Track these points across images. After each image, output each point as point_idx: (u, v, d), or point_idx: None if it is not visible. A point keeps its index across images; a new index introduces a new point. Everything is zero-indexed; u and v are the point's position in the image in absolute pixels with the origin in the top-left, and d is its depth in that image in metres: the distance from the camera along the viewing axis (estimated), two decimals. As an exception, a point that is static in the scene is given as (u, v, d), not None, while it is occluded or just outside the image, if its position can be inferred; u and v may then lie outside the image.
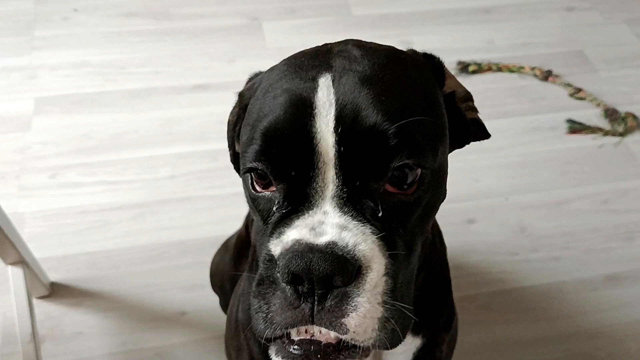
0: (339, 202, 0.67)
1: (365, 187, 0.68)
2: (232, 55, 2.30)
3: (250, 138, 0.71)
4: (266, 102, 0.72)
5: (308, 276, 0.64)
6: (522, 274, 1.74)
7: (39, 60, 2.23)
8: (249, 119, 0.75)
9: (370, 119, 0.66)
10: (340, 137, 0.66)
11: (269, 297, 0.68)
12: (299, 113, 0.68)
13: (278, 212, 0.70)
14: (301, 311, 0.66)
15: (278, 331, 0.68)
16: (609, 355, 1.60)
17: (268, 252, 0.69)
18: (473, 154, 1.99)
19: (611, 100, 2.21)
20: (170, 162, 1.95)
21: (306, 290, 0.65)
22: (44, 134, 2.00)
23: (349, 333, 0.66)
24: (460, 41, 2.41)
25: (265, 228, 0.73)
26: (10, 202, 1.76)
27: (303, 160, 0.67)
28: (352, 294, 0.65)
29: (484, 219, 1.86)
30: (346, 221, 0.67)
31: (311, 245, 0.65)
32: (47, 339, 1.56)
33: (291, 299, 0.66)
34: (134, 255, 1.73)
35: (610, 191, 1.96)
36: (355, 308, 0.65)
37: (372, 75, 0.70)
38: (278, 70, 0.76)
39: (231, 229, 1.54)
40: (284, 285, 0.66)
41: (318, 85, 0.69)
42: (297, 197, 0.69)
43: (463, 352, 1.57)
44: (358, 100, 0.67)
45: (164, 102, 2.13)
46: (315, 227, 0.66)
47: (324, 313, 0.65)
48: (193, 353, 1.55)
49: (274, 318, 0.67)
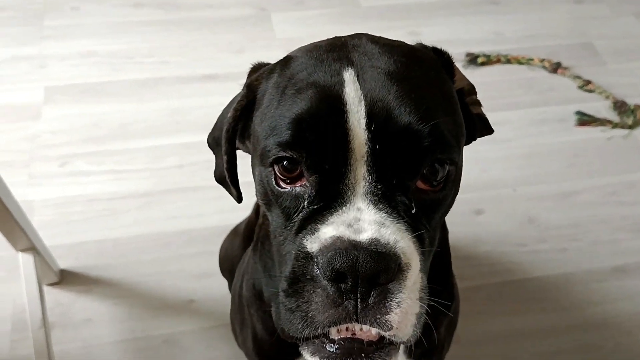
0: (373, 199, 0.67)
1: (400, 184, 0.68)
2: (240, 46, 2.30)
3: (273, 128, 0.70)
4: (290, 93, 0.71)
5: (353, 274, 0.63)
6: (530, 264, 1.74)
7: (48, 50, 2.24)
8: (268, 110, 0.74)
9: (404, 118, 0.66)
10: (374, 135, 0.66)
11: (307, 296, 0.66)
12: (330, 107, 0.67)
13: (308, 208, 0.69)
14: (344, 309, 0.65)
15: (319, 330, 0.67)
16: (616, 346, 1.60)
17: (302, 249, 0.67)
18: (481, 145, 1.96)
19: (620, 93, 2.20)
20: (178, 152, 1.95)
21: (349, 288, 0.64)
22: (54, 123, 2.01)
23: (393, 329, 0.65)
24: (468, 32, 2.40)
25: (288, 224, 0.71)
26: (20, 190, 1.77)
27: (337, 154, 0.67)
28: (393, 291, 0.65)
29: (492, 209, 1.86)
30: (382, 218, 0.66)
31: (354, 242, 0.64)
32: (57, 325, 1.57)
33: (334, 296, 0.64)
34: (142, 243, 1.74)
35: (618, 183, 1.95)
36: (398, 305, 0.65)
37: (396, 72, 0.70)
38: (296, 61, 0.75)
39: (238, 218, 1.55)
40: (325, 283, 0.65)
41: (344, 80, 0.69)
42: (329, 193, 0.68)
43: (470, 342, 1.57)
44: (388, 98, 0.67)
45: (172, 92, 2.13)
46: (352, 224, 0.66)
47: (368, 310, 0.65)
48: (201, 341, 1.56)
49: (315, 317, 0.66)
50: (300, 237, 0.68)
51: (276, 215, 0.74)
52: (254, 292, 1.00)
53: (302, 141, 0.67)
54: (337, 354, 0.69)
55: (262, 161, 0.73)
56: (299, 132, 0.67)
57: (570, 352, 1.58)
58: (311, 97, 0.68)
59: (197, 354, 1.54)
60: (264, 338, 1.00)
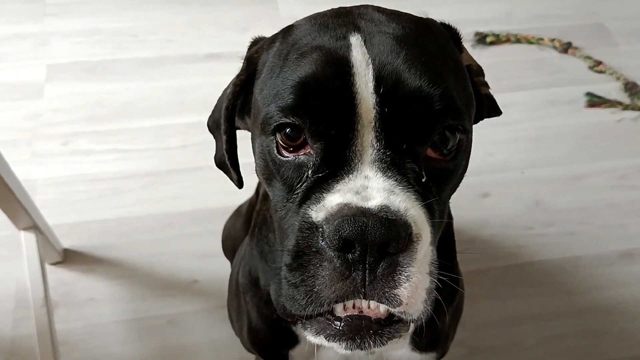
0: (382, 166, 0.63)
1: (410, 150, 0.65)
2: (244, 24, 2.27)
3: (275, 94, 0.67)
4: (293, 58, 0.68)
5: (362, 242, 0.59)
6: (537, 248, 1.72)
7: (50, 27, 2.21)
8: (269, 77, 0.71)
9: (414, 81, 0.63)
10: (382, 99, 0.63)
11: (313, 269, 0.62)
12: (336, 70, 0.64)
13: (313, 177, 0.66)
14: (352, 281, 0.61)
15: (325, 306, 0.63)
16: (623, 332, 1.58)
17: (306, 220, 0.63)
18: (489, 128, 1.94)
19: (631, 74, 2.16)
20: (182, 132, 1.93)
21: (357, 258, 0.60)
22: (56, 101, 1.99)
23: (402, 305, 0.62)
24: (478, 12, 2.35)
25: (290, 197, 0.68)
26: (22, 168, 1.76)
27: (343, 119, 0.63)
28: (403, 263, 0.61)
29: (499, 193, 1.84)
30: (391, 185, 0.63)
31: (363, 209, 0.60)
32: (60, 304, 1.57)
33: (341, 268, 0.61)
34: (145, 223, 1.73)
35: (628, 166, 1.92)
36: (407, 278, 0.61)
37: (405, 37, 0.67)
38: (299, 28, 0.72)
39: (241, 198, 1.53)
40: (331, 254, 0.61)
41: (351, 43, 0.66)
42: (334, 160, 0.65)
43: (475, 325, 1.56)
44: (397, 62, 0.64)
45: (176, 71, 2.11)
46: (359, 192, 0.62)
47: (376, 283, 0.61)
48: (204, 321, 1.56)
49: (322, 291, 0.62)
50: (305, 208, 0.64)
51: (277, 188, 0.70)
52: (250, 278, 0.98)
53: (306, 106, 0.64)
54: (344, 331, 0.64)
55: (263, 130, 0.69)
56: (303, 96, 0.64)
57: (576, 336, 1.57)
58: (315, 60, 0.65)
59: (200, 334, 1.54)
60: (258, 327, 0.98)
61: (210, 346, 1.52)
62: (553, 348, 1.55)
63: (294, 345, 0.96)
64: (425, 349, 0.96)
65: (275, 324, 0.94)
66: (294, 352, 0.97)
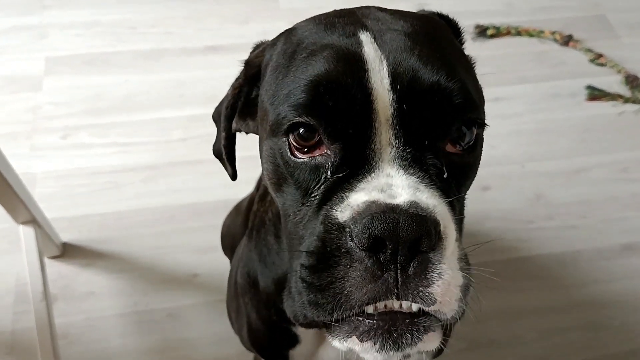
0: (403, 163, 0.62)
1: (430, 146, 0.63)
2: (245, 17, 2.25)
3: (287, 95, 0.65)
4: (302, 57, 0.66)
5: (394, 239, 0.57)
6: (537, 242, 1.72)
7: (49, 19, 2.20)
8: (275, 78, 0.69)
9: (431, 76, 0.62)
10: (400, 95, 0.61)
11: (342, 270, 0.59)
12: (350, 66, 0.62)
13: (332, 177, 0.63)
14: (384, 282, 0.58)
15: (355, 309, 0.59)
16: (623, 325, 1.58)
17: (331, 220, 0.60)
18: (489, 120, 1.94)
19: (633, 67, 2.15)
20: (182, 125, 1.93)
21: (388, 257, 0.58)
22: (55, 94, 1.98)
23: (436, 304, 0.59)
24: (478, 4, 2.34)
25: (307, 200, 0.65)
26: (21, 162, 1.75)
27: (360, 117, 0.62)
28: (434, 260, 0.59)
29: (500, 186, 1.83)
30: (415, 183, 0.61)
31: (391, 205, 0.58)
32: (59, 298, 1.57)
33: (372, 268, 0.58)
34: (145, 217, 1.72)
35: (629, 160, 1.91)
36: (440, 276, 0.59)
37: (416, 34, 0.66)
38: (303, 29, 0.71)
39: (242, 192, 1.53)
40: (360, 254, 0.58)
41: (361, 40, 0.64)
42: (354, 160, 0.62)
43: (476, 318, 1.55)
44: (411, 58, 0.63)
45: (176, 64, 2.10)
46: (384, 189, 0.60)
47: (409, 282, 0.58)
48: (204, 314, 1.55)
49: (352, 293, 0.59)
50: (326, 209, 0.62)
51: (290, 193, 0.68)
52: (249, 280, 0.97)
53: (321, 105, 0.62)
54: (379, 325, 0.60)
55: (273, 132, 0.67)
56: (317, 96, 0.62)
57: (576, 329, 1.57)
58: (327, 58, 0.63)
59: (200, 328, 1.54)
60: (257, 327, 0.98)
61: (210, 340, 1.52)
62: (553, 341, 1.55)
63: (294, 345, 0.95)
64: None
65: (275, 324, 0.94)
66: (294, 352, 0.97)
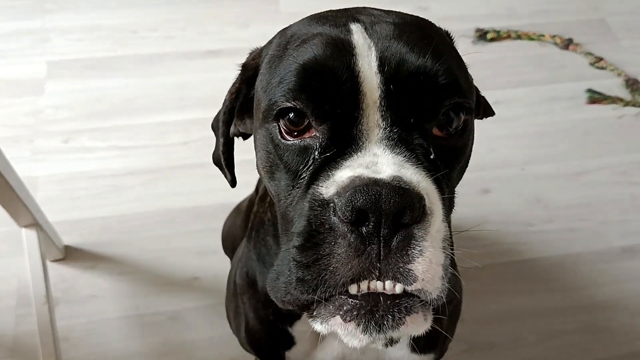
0: (389, 143, 0.63)
1: (417, 126, 0.65)
2: (245, 20, 2.26)
3: (278, 82, 0.66)
4: (294, 47, 0.68)
5: (376, 211, 0.58)
6: (537, 244, 1.72)
7: (51, 24, 2.21)
8: (269, 68, 0.71)
9: (418, 59, 0.64)
10: (387, 78, 0.63)
11: (327, 247, 0.60)
12: (338, 51, 0.64)
13: (320, 157, 0.65)
14: (367, 257, 0.59)
15: (339, 287, 0.60)
16: (622, 327, 1.58)
17: (316, 197, 0.62)
18: (489, 124, 1.93)
19: (632, 70, 2.15)
20: (183, 128, 1.93)
21: (371, 230, 0.59)
22: (57, 98, 1.99)
23: (418, 281, 0.60)
24: (478, 8, 2.34)
25: (296, 183, 0.67)
26: (23, 165, 1.76)
27: (347, 99, 0.63)
28: (417, 236, 0.60)
29: (499, 189, 1.84)
30: (401, 161, 0.62)
31: (375, 179, 0.59)
32: (61, 301, 1.57)
33: (355, 242, 0.59)
34: (146, 220, 1.73)
35: (629, 162, 1.92)
36: (421, 252, 0.59)
37: (405, 24, 0.69)
38: (297, 25, 0.73)
39: (243, 195, 1.53)
40: (344, 229, 0.59)
41: (351, 29, 0.67)
42: (341, 140, 0.64)
43: (476, 321, 1.56)
44: (399, 44, 0.65)
45: (176, 67, 2.11)
46: (369, 166, 0.61)
47: (391, 257, 0.59)
48: (205, 317, 1.56)
49: (337, 270, 0.60)
50: (313, 188, 0.63)
51: (281, 178, 0.69)
52: (247, 280, 0.98)
53: (308, 89, 0.64)
54: (362, 305, 0.61)
55: (265, 118, 0.69)
56: (305, 79, 0.64)
57: (577, 332, 1.57)
58: (316, 44, 0.66)
59: (201, 331, 1.54)
60: (255, 327, 0.99)
61: (211, 342, 1.53)
62: (553, 344, 1.56)
63: (290, 346, 0.96)
64: (423, 350, 0.96)
65: (272, 325, 0.95)
66: (290, 353, 0.97)
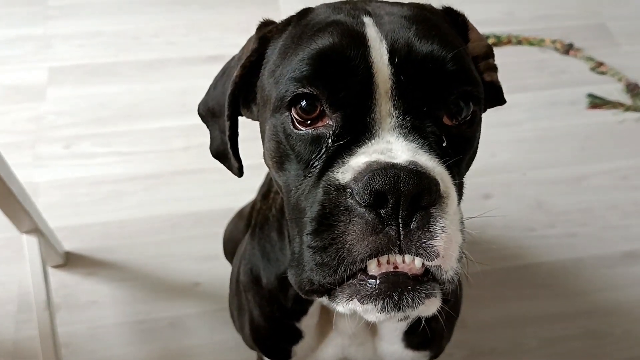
0: (402, 131, 0.64)
1: (429, 114, 0.66)
2: (246, 26, 2.27)
3: (292, 70, 0.67)
4: (308, 36, 0.69)
5: (395, 193, 0.58)
6: (539, 250, 1.72)
7: (53, 30, 2.22)
8: (282, 58, 0.71)
9: (426, 47, 0.66)
10: (397, 68, 0.64)
11: (343, 226, 0.60)
12: (353, 41, 0.66)
13: (333, 146, 0.65)
14: (386, 235, 0.59)
15: (358, 264, 0.60)
16: (625, 333, 1.58)
17: (332, 183, 0.62)
18: (491, 128, 1.94)
19: (633, 75, 2.15)
20: (185, 134, 1.94)
21: (390, 212, 0.59)
22: (59, 104, 2.00)
23: (438, 258, 0.60)
24: (479, 12, 2.34)
25: (308, 172, 0.67)
26: (24, 171, 1.76)
27: (361, 88, 0.64)
28: (436, 215, 0.60)
29: (501, 194, 1.83)
30: (414, 148, 0.63)
31: (391, 163, 0.60)
32: (62, 307, 1.57)
33: (373, 222, 0.59)
34: (147, 225, 1.73)
35: (630, 167, 1.92)
36: (442, 229, 0.60)
37: (413, 16, 0.70)
38: (313, 12, 0.74)
39: (244, 200, 1.53)
40: (361, 210, 0.59)
41: (364, 22, 0.68)
42: (355, 128, 0.65)
43: (478, 327, 1.56)
44: (408, 35, 0.66)
45: (178, 73, 2.11)
46: (384, 152, 0.62)
47: (412, 235, 0.59)
48: (206, 323, 1.56)
49: (354, 247, 0.60)
50: (327, 175, 0.63)
51: (292, 169, 0.69)
52: (251, 277, 0.98)
53: (324, 75, 0.65)
54: (381, 288, 0.61)
55: (276, 109, 0.69)
56: (320, 66, 0.65)
57: (578, 338, 1.57)
58: (332, 33, 0.67)
59: (202, 337, 1.54)
60: (260, 324, 0.99)
61: (212, 348, 1.52)
62: (555, 349, 1.55)
63: (298, 340, 0.96)
64: (418, 347, 0.96)
65: (277, 321, 0.95)
66: (297, 348, 0.97)
